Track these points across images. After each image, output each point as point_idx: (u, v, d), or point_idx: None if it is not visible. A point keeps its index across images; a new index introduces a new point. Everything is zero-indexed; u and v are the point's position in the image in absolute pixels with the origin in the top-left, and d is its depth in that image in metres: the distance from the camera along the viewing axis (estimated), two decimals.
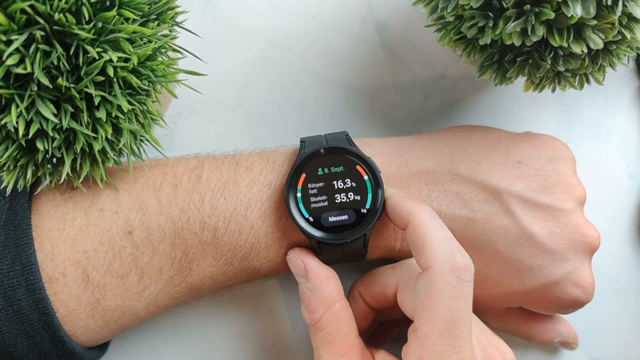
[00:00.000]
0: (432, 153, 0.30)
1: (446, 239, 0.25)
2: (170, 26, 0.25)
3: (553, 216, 0.28)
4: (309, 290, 0.27)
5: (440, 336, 0.23)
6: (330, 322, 0.26)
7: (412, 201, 0.26)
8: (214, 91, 0.36)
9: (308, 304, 0.27)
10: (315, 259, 0.28)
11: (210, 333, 0.34)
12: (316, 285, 0.27)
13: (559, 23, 0.24)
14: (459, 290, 0.24)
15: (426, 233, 0.25)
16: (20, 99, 0.21)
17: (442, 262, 0.24)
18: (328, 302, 0.27)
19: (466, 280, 0.24)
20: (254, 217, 0.28)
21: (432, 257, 0.24)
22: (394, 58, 0.36)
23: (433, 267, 0.24)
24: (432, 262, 0.24)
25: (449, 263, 0.24)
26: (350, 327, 0.27)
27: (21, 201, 0.26)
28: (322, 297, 0.27)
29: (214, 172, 0.28)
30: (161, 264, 0.27)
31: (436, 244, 0.24)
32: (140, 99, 0.24)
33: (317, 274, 0.27)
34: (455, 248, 0.24)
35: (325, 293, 0.27)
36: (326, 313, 0.26)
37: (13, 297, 0.24)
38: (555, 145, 0.31)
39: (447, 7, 0.25)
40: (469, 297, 0.24)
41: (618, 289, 0.36)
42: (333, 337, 0.26)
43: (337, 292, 0.27)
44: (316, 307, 0.27)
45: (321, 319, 0.26)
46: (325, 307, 0.26)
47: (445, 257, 0.24)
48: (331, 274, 0.27)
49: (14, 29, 0.20)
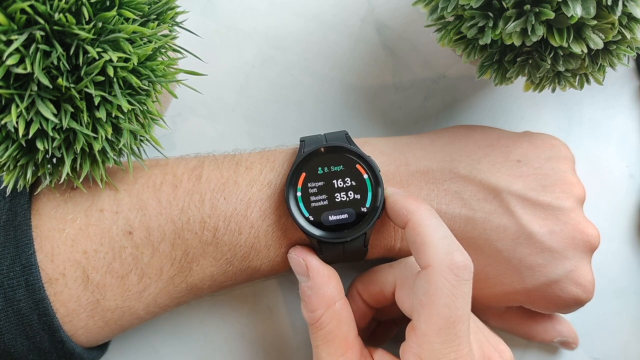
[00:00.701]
0: (432, 152, 0.30)
1: (445, 237, 0.25)
2: (170, 26, 0.25)
3: (553, 215, 0.28)
4: (309, 289, 0.27)
5: (439, 334, 0.23)
6: (330, 321, 0.26)
7: (411, 200, 0.26)
8: (214, 91, 0.36)
9: (308, 302, 0.27)
10: (316, 257, 0.28)
11: (210, 333, 0.34)
12: (317, 283, 0.27)
13: (559, 23, 0.24)
14: (458, 289, 0.24)
15: (425, 231, 0.25)
16: (20, 99, 0.21)
17: (441, 260, 0.24)
18: (328, 301, 0.27)
19: (465, 279, 0.24)
20: (254, 217, 0.27)
21: (431, 256, 0.24)
22: (394, 58, 0.36)
23: (432, 266, 0.24)
24: (431, 261, 0.24)
25: (448, 261, 0.24)
26: (350, 327, 0.27)
27: (21, 201, 0.26)
28: (323, 295, 0.27)
29: (214, 172, 0.28)
30: (161, 264, 0.27)
31: (435, 242, 0.24)
32: (140, 99, 0.24)
33: (318, 273, 0.27)
34: (454, 246, 0.24)
35: (326, 292, 0.27)
36: (326, 312, 0.26)
37: (13, 298, 0.24)
38: (554, 144, 0.31)
39: (447, 7, 0.25)
40: (468, 296, 0.24)
41: (618, 289, 0.36)
42: (333, 337, 0.26)
43: (338, 292, 0.27)
44: (316, 305, 0.27)
45: (321, 318, 0.26)
46: (326, 306, 0.26)
47: (445, 255, 0.24)
48: (332, 273, 0.27)
49: (14, 29, 0.20)
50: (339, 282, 0.28)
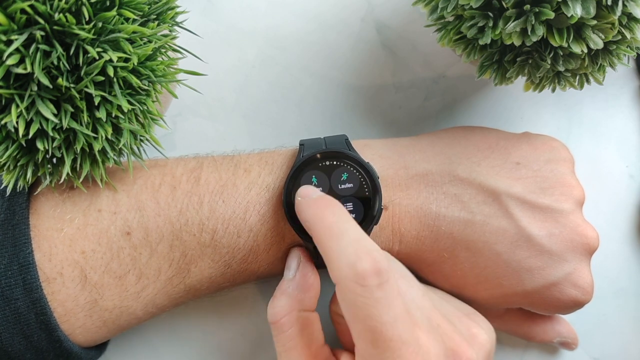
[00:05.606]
0: (431, 155, 0.30)
1: (348, 245, 0.23)
2: (170, 26, 0.25)
3: (552, 217, 0.28)
4: (289, 287, 0.27)
5: (374, 346, 0.22)
6: (291, 327, 0.26)
7: (314, 208, 0.25)
8: (214, 91, 0.36)
9: (279, 299, 0.26)
10: (309, 263, 0.28)
11: (210, 333, 0.34)
12: (296, 284, 0.27)
13: (559, 23, 0.24)
14: (371, 298, 0.22)
15: (326, 246, 0.23)
16: (20, 99, 0.21)
17: (345, 275, 0.22)
18: (296, 305, 0.26)
19: (376, 284, 0.22)
20: (252, 221, 0.27)
21: (335, 273, 0.23)
22: (394, 58, 0.36)
23: (338, 283, 0.23)
24: (337, 279, 0.23)
25: (351, 274, 0.22)
26: (314, 337, 0.26)
27: (19, 201, 0.26)
28: (295, 298, 0.26)
29: (212, 174, 0.28)
30: (159, 265, 0.27)
31: (336, 256, 0.23)
32: (140, 99, 0.24)
33: (304, 276, 0.27)
34: (359, 252, 0.22)
35: (299, 296, 0.27)
36: (289, 315, 0.26)
37: (10, 297, 0.24)
38: (553, 146, 0.31)
39: (447, 7, 0.25)
40: (389, 299, 0.22)
41: (618, 289, 0.35)
42: (294, 344, 0.26)
43: (309, 303, 0.27)
44: (284, 305, 0.26)
45: (282, 319, 0.26)
46: (291, 309, 0.26)
47: (347, 268, 0.22)
48: (315, 285, 0.27)
49: (14, 29, 0.20)
50: (315, 296, 0.27)
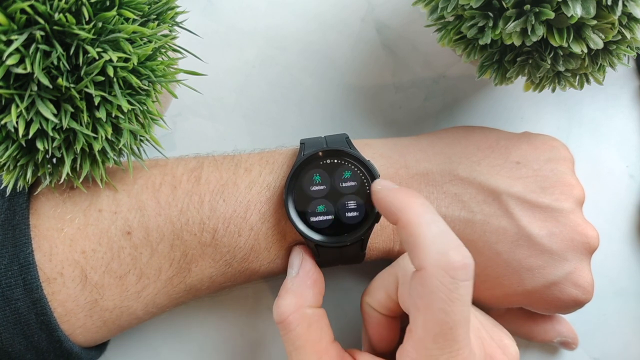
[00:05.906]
0: (431, 154, 0.30)
1: (440, 235, 0.23)
2: (170, 26, 0.25)
3: (552, 217, 0.28)
4: (293, 285, 0.27)
5: (435, 340, 0.22)
6: (299, 324, 0.26)
7: (402, 195, 0.25)
8: (214, 91, 0.36)
9: (284, 297, 0.26)
10: (311, 260, 0.28)
11: (210, 333, 0.34)
12: (300, 281, 0.27)
13: (559, 23, 0.24)
14: (455, 293, 0.22)
15: (416, 230, 0.23)
16: (20, 99, 0.21)
17: (435, 262, 0.22)
18: (302, 303, 0.26)
19: (462, 280, 0.22)
20: (253, 219, 0.27)
21: (424, 257, 0.22)
22: (394, 58, 0.36)
23: (425, 268, 0.22)
24: (424, 262, 0.22)
25: (443, 263, 0.22)
26: (323, 333, 0.26)
27: (19, 201, 0.26)
28: (299, 295, 0.26)
29: (213, 174, 0.28)
30: (160, 265, 0.27)
31: (427, 242, 0.22)
32: (140, 99, 0.24)
33: (307, 272, 0.27)
34: (450, 244, 0.22)
35: (304, 294, 0.26)
36: (295, 313, 0.26)
37: (10, 297, 0.24)
38: (553, 146, 0.31)
39: (447, 7, 0.25)
40: (467, 298, 0.22)
41: (618, 289, 0.35)
42: (303, 342, 0.25)
43: (314, 300, 0.27)
44: (289, 303, 0.26)
45: (289, 317, 0.26)
46: (297, 306, 0.26)
47: (439, 256, 0.22)
48: (318, 281, 0.27)
49: (14, 29, 0.20)
50: (320, 293, 0.27)
